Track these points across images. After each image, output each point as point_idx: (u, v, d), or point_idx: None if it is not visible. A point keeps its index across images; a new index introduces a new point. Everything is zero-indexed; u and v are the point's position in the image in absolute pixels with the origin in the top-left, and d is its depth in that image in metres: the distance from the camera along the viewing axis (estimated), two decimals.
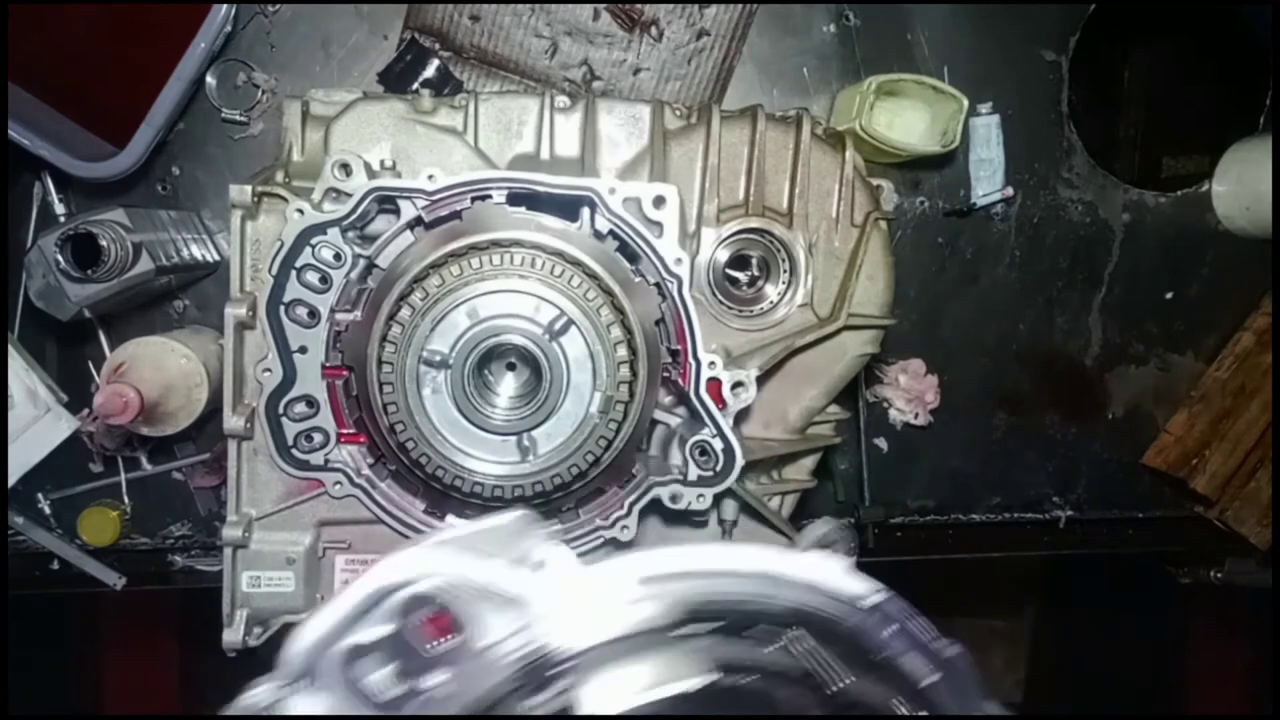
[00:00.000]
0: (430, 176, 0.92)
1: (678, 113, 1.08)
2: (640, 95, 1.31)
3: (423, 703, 0.49)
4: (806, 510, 1.46)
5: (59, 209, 1.25)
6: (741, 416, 1.01)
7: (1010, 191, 1.39)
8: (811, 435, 1.15)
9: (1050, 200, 1.43)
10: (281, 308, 0.96)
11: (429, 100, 1.03)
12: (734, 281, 1.09)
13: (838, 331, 1.07)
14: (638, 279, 0.99)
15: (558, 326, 0.94)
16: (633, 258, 0.99)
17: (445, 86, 1.26)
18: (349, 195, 0.92)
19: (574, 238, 0.97)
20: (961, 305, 1.45)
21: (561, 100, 1.05)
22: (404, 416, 0.95)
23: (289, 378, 0.98)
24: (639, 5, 1.28)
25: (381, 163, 0.99)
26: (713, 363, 0.96)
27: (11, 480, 1.23)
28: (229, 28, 1.18)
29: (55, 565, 1.37)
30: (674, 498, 1.00)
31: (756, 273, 1.09)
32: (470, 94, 1.04)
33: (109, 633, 2.73)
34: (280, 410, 0.98)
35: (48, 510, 1.34)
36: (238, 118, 1.26)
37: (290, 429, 0.99)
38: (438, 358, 0.94)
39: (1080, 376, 1.49)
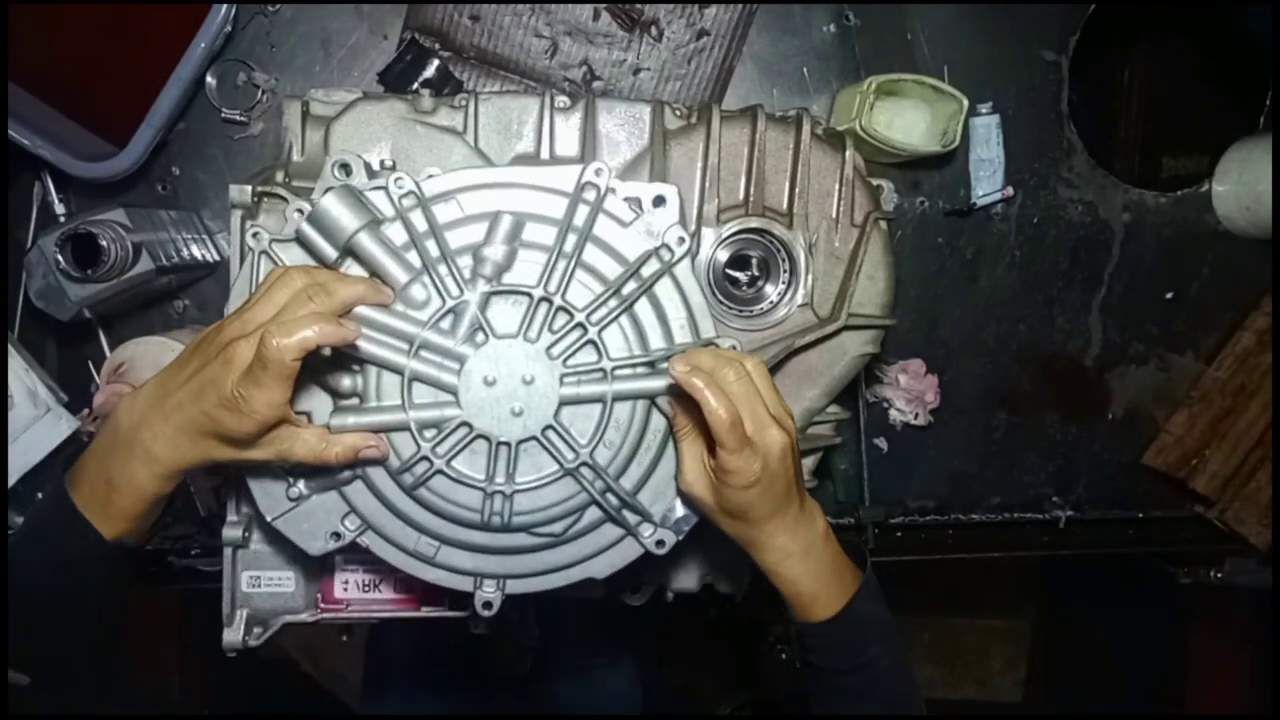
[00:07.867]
0: (430, 176, 0.92)
1: (678, 113, 1.08)
2: (640, 95, 1.31)
3: None
4: None
5: (59, 209, 1.25)
6: None
7: (1010, 191, 1.39)
8: (811, 435, 1.15)
9: (1050, 200, 1.43)
10: None
11: (429, 100, 1.03)
12: (734, 281, 1.09)
13: (838, 331, 1.07)
14: None
15: None
16: None
17: (445, 86, 1.26)
18: None
19: None
20: (961, 305, 1.45)
21: (561, 100, 1.04)
22: None
23: None
24: (639, 5, 1.28)
25: (381, 163, 0.99)
26: None
27: (11, 480, 1.22)
28: (229, 28, 1.18)
29: None
30: None
31: (756, 273, 1.09)
32: (470, 94, 1.04)
33: None
34: None
35: None
36: (238, 118, 1.26)
37: None
38: None
39: (1080, 376, 1.49)
